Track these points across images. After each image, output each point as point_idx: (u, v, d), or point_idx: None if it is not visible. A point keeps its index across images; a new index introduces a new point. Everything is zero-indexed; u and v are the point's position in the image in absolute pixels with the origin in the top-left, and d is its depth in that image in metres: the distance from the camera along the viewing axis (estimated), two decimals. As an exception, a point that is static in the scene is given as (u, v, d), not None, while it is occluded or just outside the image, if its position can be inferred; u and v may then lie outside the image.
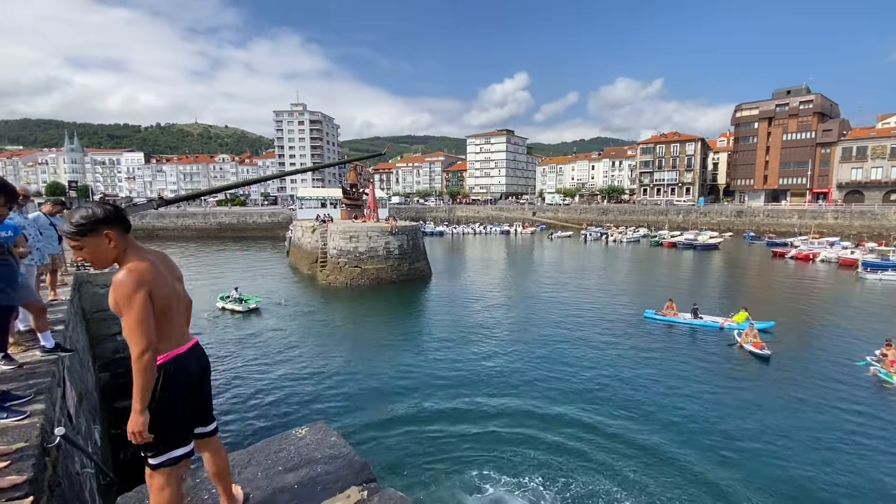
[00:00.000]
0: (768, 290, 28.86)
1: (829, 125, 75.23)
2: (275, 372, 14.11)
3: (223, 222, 73.64)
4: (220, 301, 23.31)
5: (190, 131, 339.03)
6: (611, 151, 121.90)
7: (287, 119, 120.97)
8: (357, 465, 2.70)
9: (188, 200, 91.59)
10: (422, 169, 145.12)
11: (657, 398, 12.25)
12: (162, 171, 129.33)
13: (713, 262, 41.55)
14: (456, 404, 11.78)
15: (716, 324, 18.55)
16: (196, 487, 2.55)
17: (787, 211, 66.06)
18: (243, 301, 22.70)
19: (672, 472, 8.92)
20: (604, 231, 65.75)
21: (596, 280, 32.26)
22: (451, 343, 17.15)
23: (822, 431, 10.55)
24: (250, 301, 22.92)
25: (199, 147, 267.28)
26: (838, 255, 39.59)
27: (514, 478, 8.63)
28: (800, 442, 10.08)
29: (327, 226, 32.31)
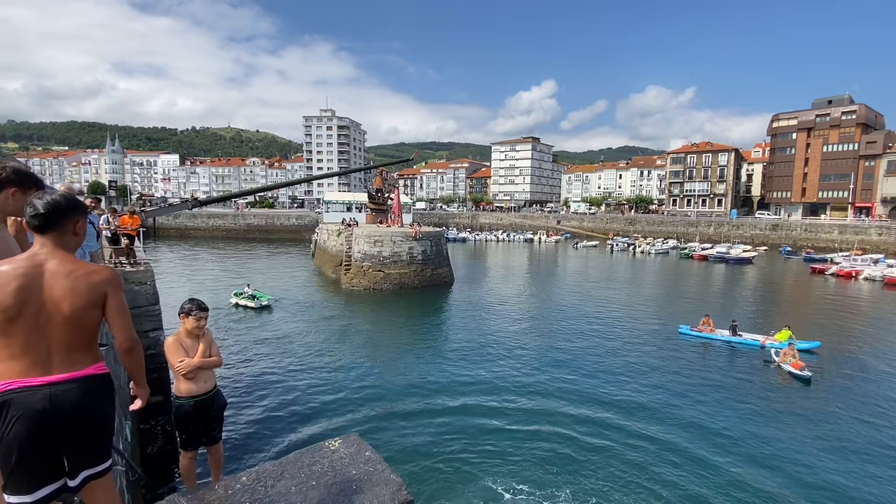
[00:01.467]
0: (807, 308, 27.49)
1: (874, 137, 71.84)
2: (300, 377, 14.12)
3: (252, 224, 75.43)
4: (234, 297, 24.35)
5: (223, 135, 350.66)
6: (639, 160, 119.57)
7: (316, 124, 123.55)
8: (394, 484, 2.56)
9: (222, 201, 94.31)
10: (446, 175, 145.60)
11: (687, 418, 11.69)
12: (195, 172, 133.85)
13: (747, 277, 39.94)
14: (487, 418, 11.49)
15: (756, 342, 17.68)
16: (228, 498, 2.46)
17: (827, 225, 63.15)
18: (256, 298, 23.65)
19: (698, 496, 8.45)
20: (631, 242, 64.22)
21: (624, 292, 31.44)
22: (477, 352, 16.89)
23: (867, 460, 9.84)
24: (263, 298, 23.82)
25: (231, 150, 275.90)
26: (883, 274, 37.46)
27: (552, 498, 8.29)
28: (843, 472, 9.42)
29: (352, 229, 32.60)
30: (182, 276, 34.28)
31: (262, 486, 2.55)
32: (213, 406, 3.94)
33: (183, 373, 3.79)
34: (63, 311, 1.90)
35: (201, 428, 3.90)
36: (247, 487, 2.54)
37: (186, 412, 3.81)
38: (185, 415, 3.82)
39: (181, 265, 40.62)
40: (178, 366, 3.79)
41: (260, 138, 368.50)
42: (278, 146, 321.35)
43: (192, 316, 3.93)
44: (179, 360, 3.79)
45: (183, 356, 3.82)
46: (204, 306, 4.05)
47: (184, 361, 3.79)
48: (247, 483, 2.57)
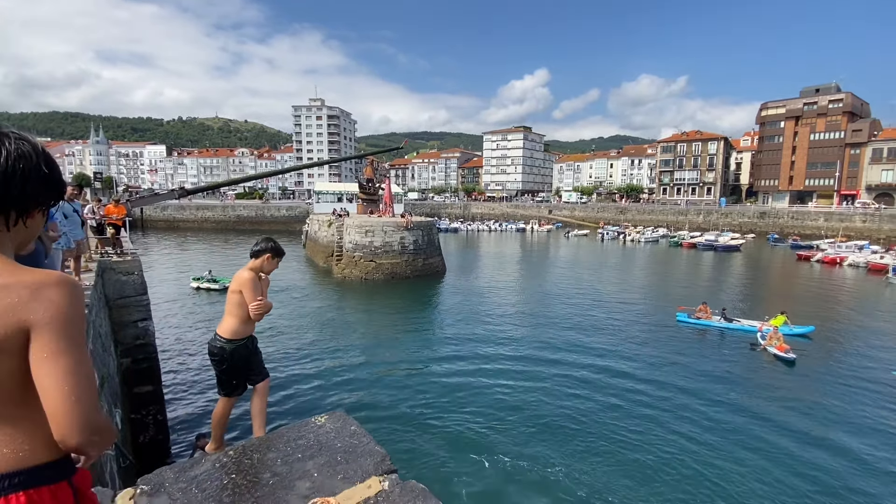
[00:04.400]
0: (794, 294, 28.05)
1: (860, 125, 72.74)
2: (289, 360, 14.24)
3: (241, 215, 74.76)
4: (194, 282, 25.64)
5: (210, 125, 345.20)
6: (630, 150, 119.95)
7: (305, 114, 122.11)
8: (378, 455, 2.64)
9: (210, 191, 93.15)
10: (437, 165, 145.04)
11: (677, 399, 11.97)
12: (183, 163, 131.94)
13: (735, 265, 40.55)
14: (473, 400, 11.70)
15: (753, 328, 18.02)
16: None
17: (813, 213, 64.15)
18: (217, 281, 25.14)
19: (686, 472, 8.71)
20: (621, 230, 64.76)
21: (616, 280, 31.80)
22: (466, 339, 17.07)
23: (846, 436, 10.17)
24: (224, 281, 24.96)
25: (219, 141, 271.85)
26: (867, 260, 38.25)
27: (533, 472, 8.53)
28: (822, 448, 9.74)
29: (343, 220, 32.49)
30: (171, 266, 34.00)
31: (247, 459, 2.61)
32: (254, 346, 3.88)
33: (258, 313, 3.62)
34: None
35: (243, 371, 3.79)
36: (233, 460, 2.59)
37: (241, 354, 3.69)
38: (239, 357, 3.69)
39: (170, 256, 40.26)
40: (256, 304, 3.59)
41: (248, 128, 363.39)
42: (267, 136, 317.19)
43: (276, 258, 3.80)
44: (259, 298, 3.61)
45: (260, 294, 3.64)
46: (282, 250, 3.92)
47: (262, 301, 3.63)
48: (233, 456, 2.63)
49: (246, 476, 2.42)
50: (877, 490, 8.36)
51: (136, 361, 10.45)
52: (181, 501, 2.22)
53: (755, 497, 8.09)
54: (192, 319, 19.27)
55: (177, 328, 17.74)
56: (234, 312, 3.62)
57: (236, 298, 3.60)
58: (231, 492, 2.29)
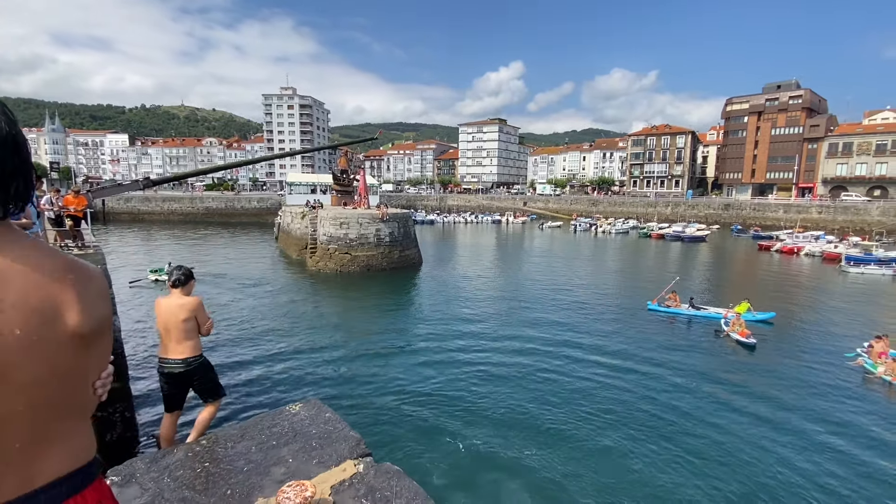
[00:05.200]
0: (756, 283, 29.36)
1: (817, 121, 76.17)
2: (263, 353, 14.03)
3: (210, 207, 72.52)
4: (152, 274, 24.77)
5: (176, 114, 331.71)
6: (602, 143, 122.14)
7: (276, 103, 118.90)
8: (352, 439, 2.68)
9: (177, 182, 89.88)
10: (413, 157, 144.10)
11: (650, 384, 12.44)
12: (147, 153, 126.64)
13: (700, 255, 42.08)
14: (449, 386, 11.84)
15: (719, 315, 18.76)
16: (213, 478, 2.51)
17: (773, 205, 67.08)
18: None
19: (653, 448, 9.11)
20: (593, 222, 66.13)
21: (588, 270, 32.52)
22: (442, 331, 17.19)
23: (798, 416, 10.82)
24: None
25: (185, 130, 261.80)
26: (822, 250, 40.34)
27: (505, 455, 8.74)
28: (774, 428, 10.33)
29: (317, 212, 31.97)
30: (136, 259, 32.75)
31: (221, 447, 2.61)
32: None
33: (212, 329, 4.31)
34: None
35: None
36: (206, 449, 2.59)
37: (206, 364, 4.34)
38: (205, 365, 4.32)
39: (134, 249, 38.76)
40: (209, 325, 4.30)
41: (217, 117, 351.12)
42: (237, 126, 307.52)
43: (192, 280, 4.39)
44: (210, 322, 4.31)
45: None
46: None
47: (211, 320, 4.31)
48: (206, 445, 2.63)
49: (220, 464, 2.42)
50: (821, 467, 8.95)
51: (101, 358, 10.09)
52: (153, 490, 2.21)
53: (707, 473, 8.53)
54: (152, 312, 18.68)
55: (142, 322, 17.18)
56: (192, 335, 4.11)
57: (192, 325, 4.09)
58: (204, 479, 2.29)
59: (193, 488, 2.25)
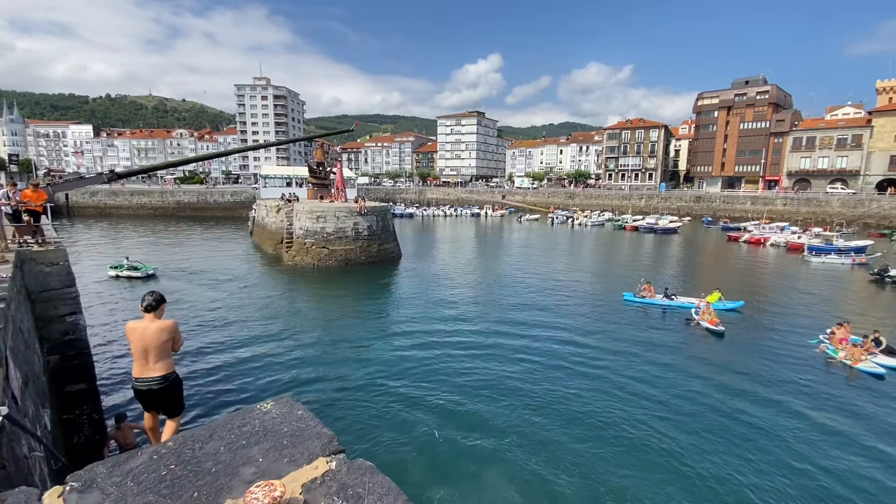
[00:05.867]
0: (724, 273, 30.38)
1: (783, 115, 78.85)
2: (238, 349, 13.79)
3: (182, 201, 70.33)
4: (111, 270, 24.70)
5: (144, 104, 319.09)
6: (579, 136, 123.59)
7: (249, 93, 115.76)
8: (325, 436, 2.65)
9: (145, 174, 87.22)
10: (391, 149, 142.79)
11: (623, 370, 12.76)
12: (113, 145, 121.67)
13: (673, 246, 43.25)
14: (424, 381, 11.88)
15: (692, 304, 19.34)
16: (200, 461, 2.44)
17: (742, 197, 69.31)
18: (137, 269, 24.55)
19: (622, 427, 9.38)
20: (570, 215, 67.10)
21: (565, 262, 33.02)
22: (420, 323, 17.20)
23: (765, 398, 11.30)
24: (145, 269, 24.77)
25: (154, 121, 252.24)
26: (787, 240, 41.99)
27: (480, 445, 8.83)
28: (742, 408, 10.78)
29: (293, 205, 31.41)
30: (104, 256, 31.53)
31: (189, 448, 2.54)
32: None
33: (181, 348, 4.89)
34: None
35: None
36: (173, 451, 2.52)
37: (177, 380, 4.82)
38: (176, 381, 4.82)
39: (101, 245, 37.29)
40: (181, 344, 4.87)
41: (187, 108, 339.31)
42: (208, 117, 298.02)
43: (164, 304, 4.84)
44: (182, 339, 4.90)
45: None
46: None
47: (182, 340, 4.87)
48: (173, 447, 2.56)
49: (187, 466, 2.36)
50: (783, 443, 9.38)
51: (66, 358, 9.73)
52: (115, 496, 2.14)
53: (672, 450, 8.85)
54: (122, 310, 18.07)
55: (109, 320, 16.60)
56: (168, 354, 4.68)
57: (169, 344, 4.65)
58: (170, 483, 2.23)
59: (158, 492, 2.19)
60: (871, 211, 55.89)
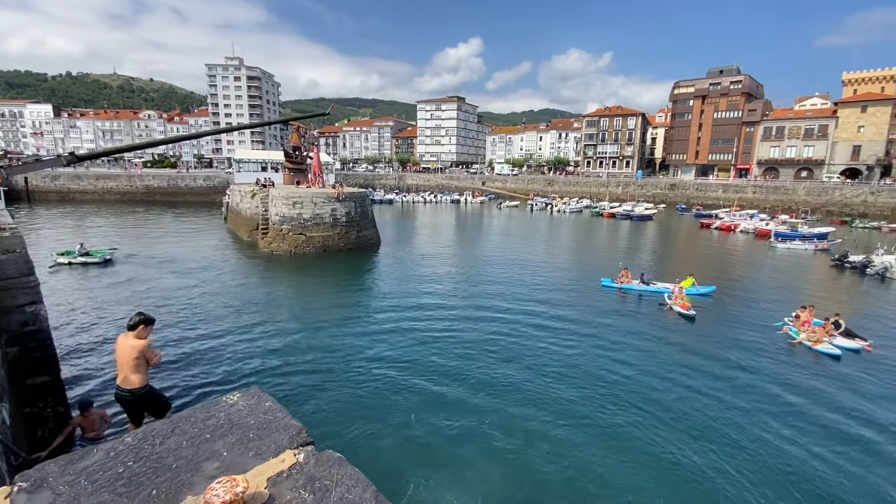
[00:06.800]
0: (697, 259, 31.24)
1: (754, 105, 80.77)
2: (208, 339, 13.43)
3: (151, 186, 67.80)
4: (61, 256, 23.40)
5: (108, 83, 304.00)
6: (558, 123, 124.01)
7: (222, 74, 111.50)
8: (293, 428, 2.59)
9: (109, 157, 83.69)
10: (370, 134, 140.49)
11: (597, 353, 13.04)
12: (76, 126, 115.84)
13: (648, 232, 44.19)
14: (400, 367, 11.88)
15: (667, 289, 19.81)
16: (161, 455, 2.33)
17: (714, 185, 71.10)
18: (91, 255, 23.56)
19: (595, 407, 9.63)
20: (549, 201, 67.67)
21: (544, 248, 33.34)
22: (399, 311, 17.14)
23: (730, 377, 11.76)
24: (101, 253, 23.98)
25: (119, 101, 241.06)
26: (755, 227, 43.43)
27: (456, 431, 8.91)
28: (709, 386, 11.19)
29: (268, 191, 30.65)
30: (62, 245, 30.22)
31: (149, 444, 2.44)
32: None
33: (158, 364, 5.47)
34: None
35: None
36: (131, 448, 2.42)
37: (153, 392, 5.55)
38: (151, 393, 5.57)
39: (63, 231, 35.70)
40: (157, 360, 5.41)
41: (155, 88, 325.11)
42: (178, 98, 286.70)
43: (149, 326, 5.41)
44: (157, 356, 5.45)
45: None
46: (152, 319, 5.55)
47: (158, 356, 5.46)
48: (132, 443, 2.45)
49: (146, 463, 2.27)
50: (745, 416, 9.79)
51: (27, 350, 9.29)
52: (67, 496, 2.04)
53: (638, 425, 9.14)
54: (85, 299, 17.41)
55: (71, 312, 15.98)
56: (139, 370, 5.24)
57: (140, 361, 5.20)
58: (127, 480, 2.13)
59: (114, 491, 2.09)
60: (834, 199, 58.20)
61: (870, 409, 10.46)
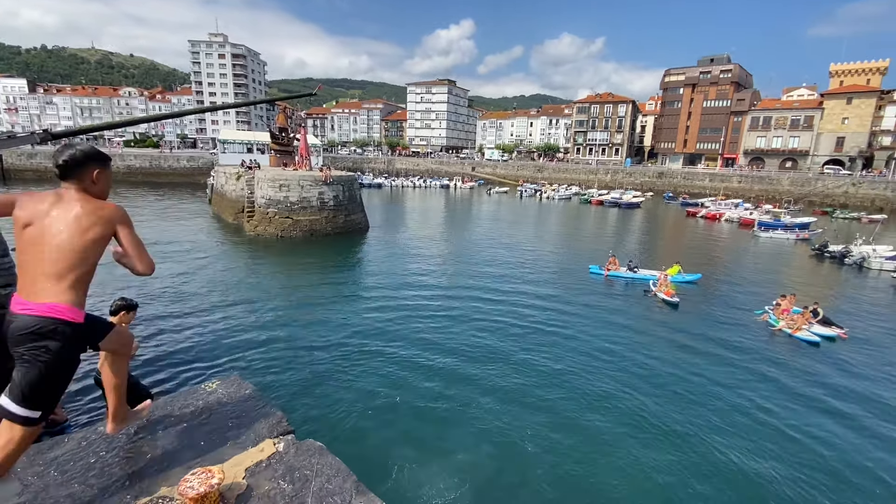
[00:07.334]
0: (682, 247, 31.64)
1: (743, 95, 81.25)
2: (190, 325, 13.16)
3: (133, 165, 66.09)
4: None
5: (86, 58, 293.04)
6: (549, 109, 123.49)
7: (205, 51, 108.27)
8: (273, 416, 2.54)
9: (87, 135, 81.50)
10: (359, 116, 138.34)
11: (583, 338, 13.20)
12: (52, 102, 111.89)
13: (635, 220, 44.57)
14: (387, 354, 11.87)
15: (654, 276, 20.02)
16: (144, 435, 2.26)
17: (701, 174, 71.77)
18: None
19: (580, 391, 9.81)
20: (538, 188, 67.70)
21: (533, 235, 33.45)
22: (387, 296, 17.09)
23: (710, 361, 12.03)
24: None
25: (98, 77, 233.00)
26: (740, 216, 44.07)
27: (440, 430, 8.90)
28: (690, 371, 11.44)
29: (254, 173, 30.07)
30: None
31: (123, 434, 2.38)
32: None
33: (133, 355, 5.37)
34: (58, 238, 2.13)
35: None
36: (104, 437, 2.35)
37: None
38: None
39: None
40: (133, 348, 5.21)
41: (135, 64, 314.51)
42: (160, 75, 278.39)
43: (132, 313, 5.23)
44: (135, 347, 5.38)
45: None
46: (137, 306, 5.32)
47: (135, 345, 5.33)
48: (104, 433, 2.38)
49: (119, 453, 2.20)
50: (725, 401, 10.05)
51: (1, 334, 9.07)
52: (36, 486, 1.97)
53: (620, 405, 9.34)
54: None
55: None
56: None
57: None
58: (99, 471, 2.07)
59: (85, 482, 2.03)
60: (817, 189, 59.25)
61: (843, 394, 10.81)
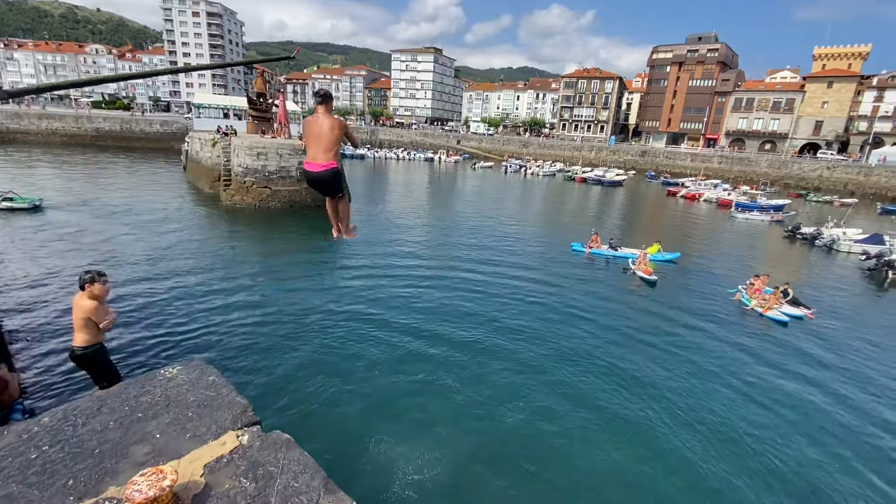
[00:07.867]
0: (662, 225, 32.06)
1: (728, 75, 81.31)
2: (158, 301, 12.44)
3: (102, 129, 62.83)
4: None
5: (49, 11, 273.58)
6: (536, 83, 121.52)
7: (178, 8, 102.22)
8: (238, 406, 2.38)
9: (48, 94, 77.56)
10: (342, 83, 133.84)
11: (561, 315, 13.34)
12: (13, 58, 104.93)
13: (617, 198, 44.87)
14: (364, 331, 11.74)
15: (634, 255, 20.21)
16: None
17: (683, 154, 72.32)
18: (13, 201, 21.96)
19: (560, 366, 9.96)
20: (523, 164, 67.32)
21: (516, 211, 33.37)
22: (365, 270, 16.88)
23: (685, 338, 12.34)
24: (28, 200, 22.37)
25: (62, 33, 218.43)
26: (718, 196, 44.78)
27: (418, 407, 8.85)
28: (664, 347, 11.72)
29: (230, 139, 28.92)
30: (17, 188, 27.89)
31: (69, 425, 2.18)
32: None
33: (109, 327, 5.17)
34: (327, 133, 4.40)
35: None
36: (49, 429, 2.15)
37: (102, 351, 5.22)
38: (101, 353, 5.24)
39: (3, 175, 32.87)
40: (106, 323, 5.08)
41: (103, 20, 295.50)
42: (129, 33, 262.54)
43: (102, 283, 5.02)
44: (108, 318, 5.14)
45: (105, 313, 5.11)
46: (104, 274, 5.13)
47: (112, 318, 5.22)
48: (49, 424, 2.18)
49: (64, 447, 2.02)
50: (697, 376, 10.35)
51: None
52: (-34, 487, 1.78)
53: (592, 376, 9.55)
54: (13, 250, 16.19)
55: (5, 261, 14.90)
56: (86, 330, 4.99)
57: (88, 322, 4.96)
58: (40, 468, 1.89)
59: (23, 481, 1.85)
60: (793, 172, 60.47)
61: (808, 371, 11.25)
